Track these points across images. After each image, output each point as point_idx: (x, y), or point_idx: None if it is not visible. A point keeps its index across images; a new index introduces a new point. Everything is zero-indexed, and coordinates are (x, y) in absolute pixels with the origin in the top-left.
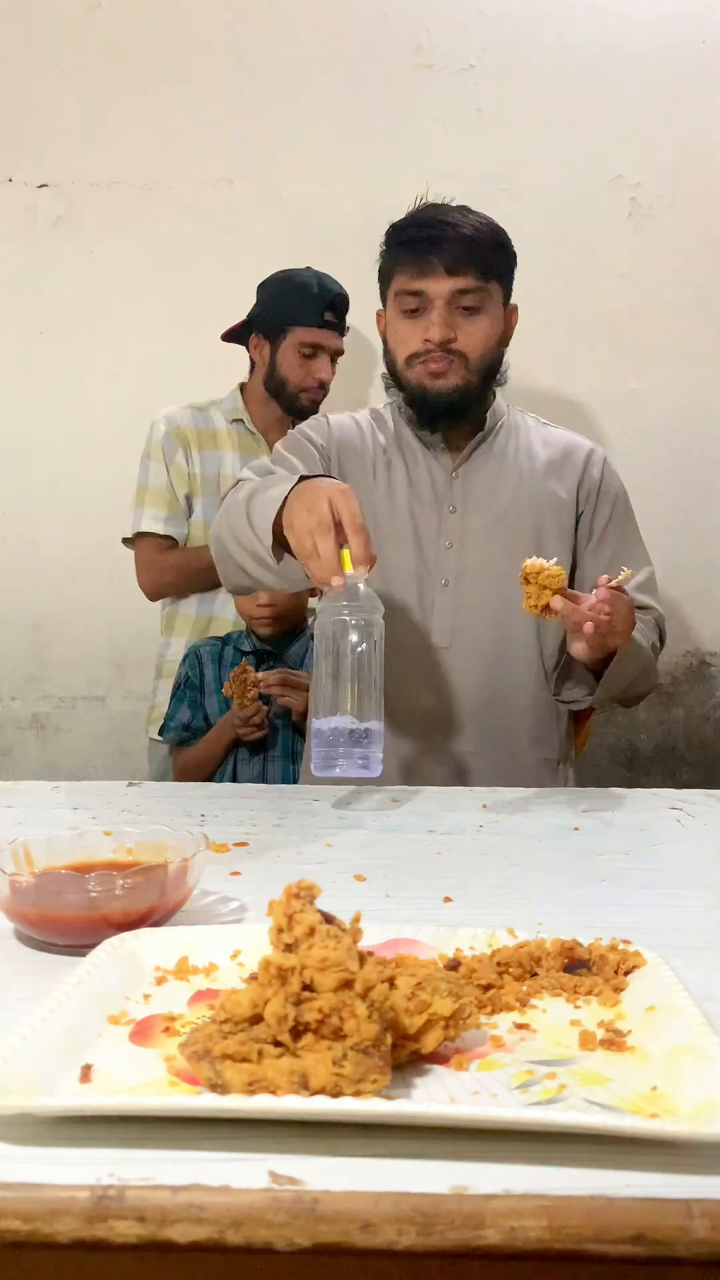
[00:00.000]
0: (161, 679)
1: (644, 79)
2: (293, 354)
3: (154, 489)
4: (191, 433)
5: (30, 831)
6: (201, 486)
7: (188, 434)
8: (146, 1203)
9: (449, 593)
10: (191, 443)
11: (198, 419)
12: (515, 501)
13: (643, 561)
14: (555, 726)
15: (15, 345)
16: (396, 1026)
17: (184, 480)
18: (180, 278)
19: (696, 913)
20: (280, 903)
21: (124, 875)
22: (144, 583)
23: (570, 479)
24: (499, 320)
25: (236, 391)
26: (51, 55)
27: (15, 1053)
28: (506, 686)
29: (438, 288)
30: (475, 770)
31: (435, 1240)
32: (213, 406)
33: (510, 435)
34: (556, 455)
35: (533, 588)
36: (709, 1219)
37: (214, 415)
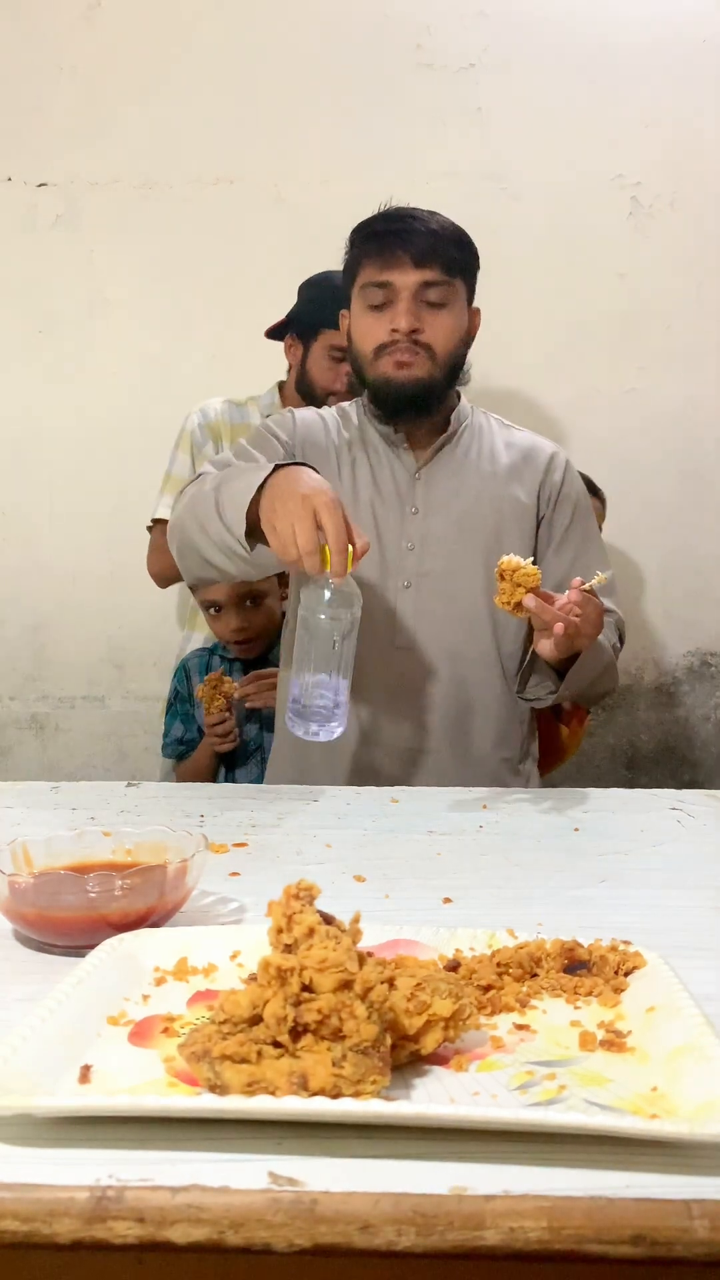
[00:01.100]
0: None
1: (644, 79)
2: (323, 357)
3: (176, 478)
4: (225, 426)
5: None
6: None
7: (221, 427)
8: (146, 1203)
9: (410, 595)
10: (224, 436)
11: (234, 414)
12: (477, 504)
13: (602, 564)
14: (517, 727)
15: (15, 345)
16: (396, 1027)
17: None
18: (180, 277)
19: (696, 913)
20: (280, 903)
21: (123, 876)
22: (152, 567)
23: (531, 482)
24: (464, 317)
25: (275, 389)
26: (51, 55)
27: (15, 1053)
28: (468, 688)
29: (404, 279)
30: (435, 770)
31: (435, 1241)
32: (251, 402)
33: (474, 437)
34: (518, 458)
35: (507, 584)
36: (709, 1219)
37: (250, 411)
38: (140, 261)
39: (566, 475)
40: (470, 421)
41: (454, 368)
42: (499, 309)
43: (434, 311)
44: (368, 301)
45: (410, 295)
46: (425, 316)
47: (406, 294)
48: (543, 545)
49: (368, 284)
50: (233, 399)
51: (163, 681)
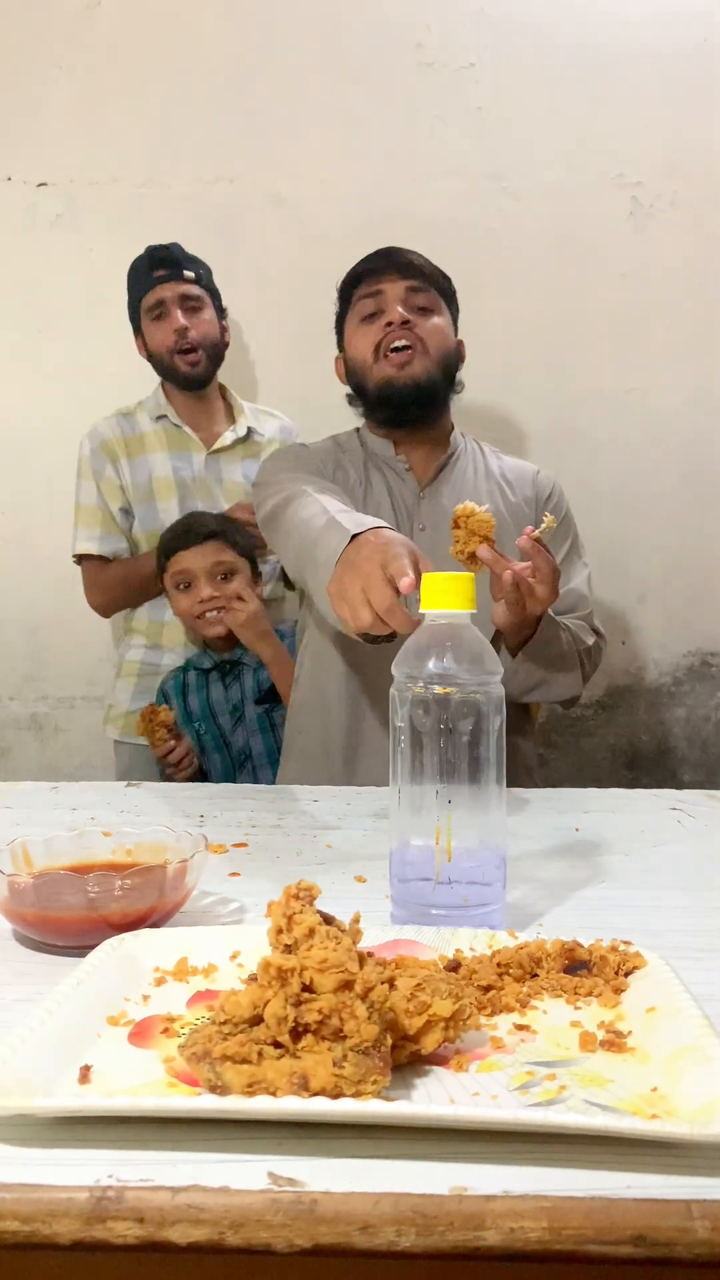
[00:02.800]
0: (120, 679)
1: (644, 78)
2: (150, 328)
3: (86, 508)
4: (118, 443)
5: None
6: (136, 495)
7: (114, 445)
8: (146, 1204)
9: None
10: (119, 453)
11: (123, 426)
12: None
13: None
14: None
15: (14, 344)
16: (396, 1027)
17: (117, 493)
18: None
19: (697, 913)
20: (280, 904)
21: (123, 876)
22: (91, 602)
23: (524, 496)
24: (450, 329)
25: (159, 389)
26: (50, 55)
27: (14, 1054)
28: None
29: (393, 286)
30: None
31: (435, 1241)
32: (139, 408)
33: (469, 460)
34: (512, 476)
35: (462, 532)
36: (709, 1220)
37: (139, 418)
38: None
39: (554, 491)
40: (465, 446)
41: (448, 369)
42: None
43: (423, 315)
44: (361, 314)
45: (400, 298)
46: (416, 319)
47: (396, 296)
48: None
49: (360, 297)
50: (122, 409)
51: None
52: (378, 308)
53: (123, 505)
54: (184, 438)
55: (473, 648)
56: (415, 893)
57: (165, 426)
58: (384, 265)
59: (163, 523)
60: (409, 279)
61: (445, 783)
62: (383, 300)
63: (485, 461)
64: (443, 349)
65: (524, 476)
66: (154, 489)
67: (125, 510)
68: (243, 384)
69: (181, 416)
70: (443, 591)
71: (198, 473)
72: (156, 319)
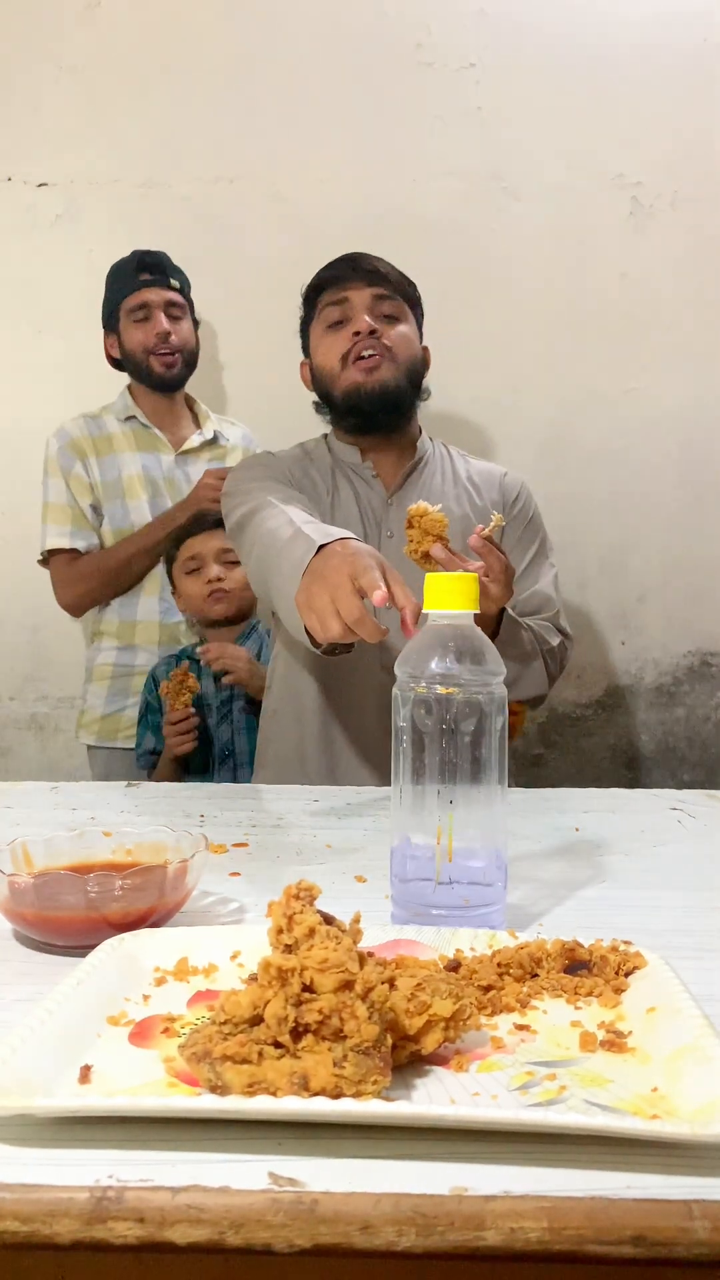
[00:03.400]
0: (91, 683)
1: (644, 78)
2: (128, 328)
3: (55, 505)
4: (86, 442)
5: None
6: (105, 493)
7: (83, 444)
8: (146, 1204)
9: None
10: (88, 451)
11: (91, 427)
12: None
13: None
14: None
15: (15, 344)
16: (396, 1027)
17: (86, 490)
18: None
19: (697, 913)
20: (280, 904)
21: (123, 876)
22: (62, 599)
23: (491, 500)
24: (416, 338)
25: (125, 391)
26: (51, 55)
27: (14, 1054)
28: None
29: (359, 295)
30: None
31: (435, 1241)
32: (105, 411)
33: (437, 465)
34: (479, 479)
35: (416, 532)
36: (709, 1220)
37: (106, 420)
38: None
39: (521, 493)
40: (432, 451)
41: (414, 377)
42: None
43: (389, 323)
44: (326, 322)
45: (366, 306)
46: (381, 326)
47: (362, 304)
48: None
49: (326, 305)
50: (87, 412)
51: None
52: (343, 316)
53: (92, 502)
54: (153, 438)
55: (475, 648)
56: (416, 893)
57: (134, 427)
58: (349, 272)
59: (133, 522)
60: (375, 286)
61: (446, 783)
62: (349, 308)
63: (453, 466)
64: (409, 356)
65: (491, 479)
66: (124, 487)
67: (94, 508)
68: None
69: (149, 419)
70: (446, 591)
71: (167, 472)
72: (139, 321)
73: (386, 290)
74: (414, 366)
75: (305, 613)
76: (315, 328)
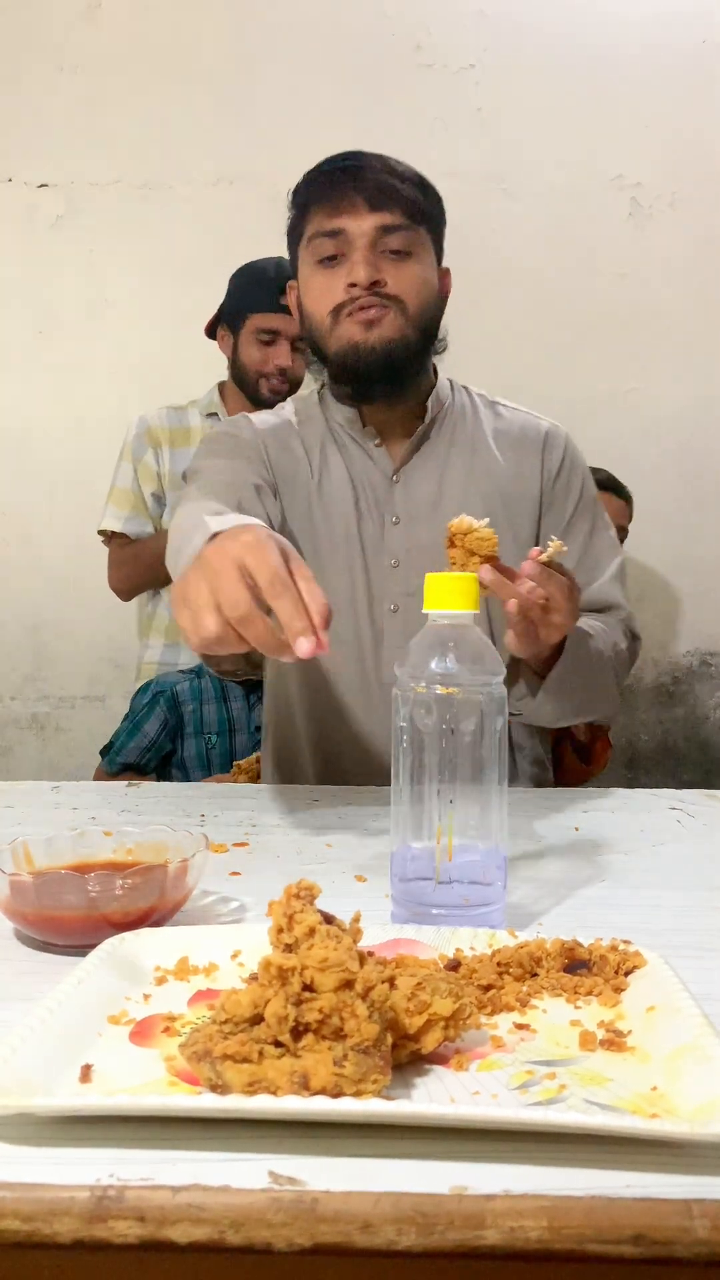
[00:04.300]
0: (139, 680)
1: (644, 79)
2: (251, 342)
3: (119, 489)
4: (163, 432)
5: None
6: (170, 483)
7: (159, 434)
8: (146, 1203)
9: (398, 618)
10: (163, 441)
11: (172, 418)
12: (466, 505)
13: (611, 550)
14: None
15: (15, 345)
16: (396, 1027)
17: (152, 479)
18: (179, 277)
19: (697, 913)
20: (280, 903)
21: (123, 875)
22: (111, 580)
23: (529, 468)
24: (433, 271)
25: (215, 389)
26: (51, 55)
27: (15, 1053)
28: None
29: (358, 225)
30: None
31: (435, 1240)
32: (191, 405)
33: (456, 423)
34: (511, 442)
35: (458, 552)
36: (709, 1219)
37: (190, 413)
38: (140, 261)
39: (568, 455)
40: (451, 404)
41: (428, 329)
42: (499, 310)
43: (397, 261)
44: (317, 254)
45: (367, 243)
46: (387, 267)
47: (363, 241)
48: (545, 531)
49: (316, 234)
50: (173, 404)
51: None
52: (338, 250)
53: (155, 491)
54: None
55: (475, 648)
56: (416, 892)
57: (214, 424)
58: (347, 192)
59: None
60: (380, 212)
61: (446, 782)
62: (344, 242)
63: (480, 424)
64: (422, 303)
65: (528, 438)
66: None
67: (157, 496)
68: None
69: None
70: (445, 591)
71: None
72: (264, 343)
73: (395, 217)
74: (427, 313)
75: (178, 608)
76: (304, 255)
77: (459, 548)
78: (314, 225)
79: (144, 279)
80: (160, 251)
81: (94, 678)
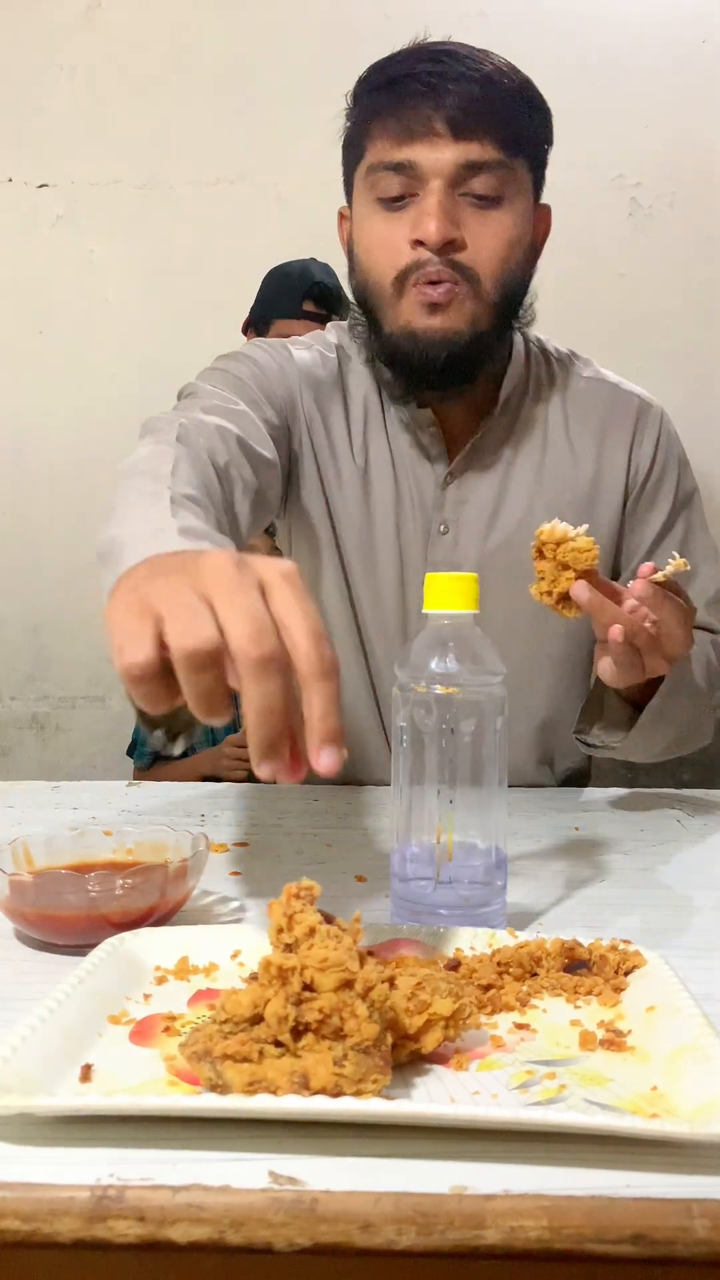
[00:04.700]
0: None
1: (644, 79)
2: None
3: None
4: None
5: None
6: None
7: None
8: (146, 1203)
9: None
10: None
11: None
12: (531, 514)
13: (712, 560)
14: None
15: (15, 345)
16: (396, 1026)
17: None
18: (180, 277)
19: (697, 913)
20: (280, 903)
21: (123, 875)
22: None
23: (615, 458)
24: (526, 220)
25: None
26: (51, 55)
27: (15, 1052)
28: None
29: (435, 158)
30: None
31: (435, 1240)
32: None
33: (532, 403)
34: (594, 429)
35: (548, 565)
36: (709, 1219)
37: None
38: (140, 261)
39: (663, 441)
40: (525, 380)
41: (510, 302)
42: None
43: (483, 211)
44: (379, 192)
45: (444, 183)
46: (467, 219)
47: (439, 183)
48: (629, 538)
49: (378, 164)
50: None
51: None
52: (406, 190)
53: None
54: None
55: (475, 648)
56: (416, 892)
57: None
58: (427, 109)
59: None
60: (467, 141)
61: (446, 783)
62: (415, 179)
63: (557, 407)
64: (504, 273)
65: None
66: None
67: None
68: None
69: None
70: (445, 591)
71: None
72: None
73: (486, 149)
74: (510, 283)
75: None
76: (361, 186)
77: (549, 559)
78: (376, 151)
79: (144, 279)
80: (160, 251)
81: (94, 678)
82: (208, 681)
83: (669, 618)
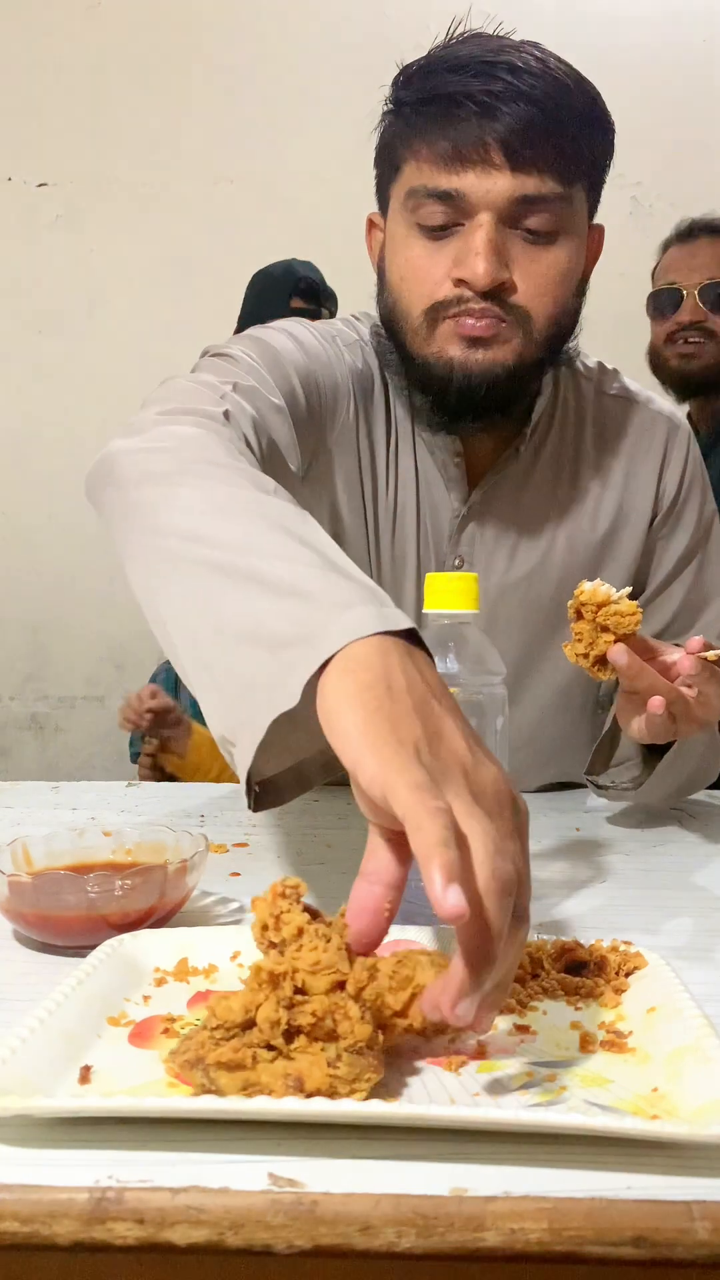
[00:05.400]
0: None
1: (644, 79)
2: None
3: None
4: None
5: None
6: None
7: None
8: (146, 1205)
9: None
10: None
11: None
12: (553, 547)
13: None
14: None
15: (15, 345)
16: (383, 1007)
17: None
18: (179, 277)
19: (697, 913)
20: (266, 900)
21: (123, 876)
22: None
23: (642, 486)
24: (582, 253)
25: None
26: (51, 55)
27: (14, 1054)
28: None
29: (487, 190)
30: None
31: (435, 1242)
32: None
33: (560, 429)
34: (622, 456)
35: (586, 626)
36: (710, 1221)
37: None
38: (139, 261)
39: (689, 466)
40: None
41: (558, 338)
42: None
43: (536, 250)
44: (421, 219)
45: (495, 219)
46: (519, 257)
47: (489, 217)
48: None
49: (421, 190)
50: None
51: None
52: (449, 220)
53: None
54: None
55: (475, 648)
56: (416, 893)
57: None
58: (479, 131)
59: None
60: (525, 174)
61: None
62: (463, 210)
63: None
64: (556, 311)
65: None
66: None
67: None
68: None
69: None
70: (445, 591)
71: None
72: None
73: (545, 183)
74: (555, 330)
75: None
76: (397, 205)
77: (588, 621)
78: (419, 173)
79: (143, 278)
80: (160, 251)
81: (94, 678)
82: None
83: (711, 692)
